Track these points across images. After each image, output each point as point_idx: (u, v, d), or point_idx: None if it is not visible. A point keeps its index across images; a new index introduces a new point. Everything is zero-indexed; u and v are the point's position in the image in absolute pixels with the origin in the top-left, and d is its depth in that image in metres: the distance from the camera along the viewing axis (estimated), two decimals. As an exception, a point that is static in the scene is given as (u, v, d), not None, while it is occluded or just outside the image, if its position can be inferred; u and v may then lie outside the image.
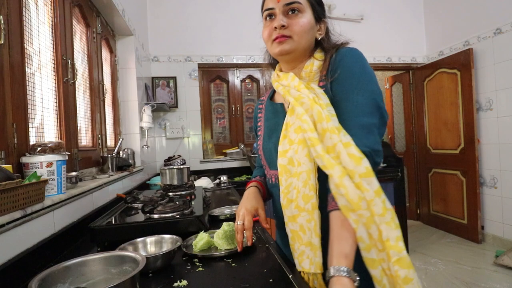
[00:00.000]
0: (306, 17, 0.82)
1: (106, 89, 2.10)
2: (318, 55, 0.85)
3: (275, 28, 0.81)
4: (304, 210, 0.74)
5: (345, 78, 0.76)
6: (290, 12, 0.81)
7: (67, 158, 1.12)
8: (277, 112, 0.91)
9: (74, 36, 1.61)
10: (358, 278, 0.60)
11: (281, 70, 0.92)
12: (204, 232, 1.01)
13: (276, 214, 0.94)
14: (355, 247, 0.64)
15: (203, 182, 2.45)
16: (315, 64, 0.83)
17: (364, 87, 0.74)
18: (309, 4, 0.83)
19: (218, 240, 0.95)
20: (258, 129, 1.00)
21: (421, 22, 3.99)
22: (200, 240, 0.96)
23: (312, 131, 0.71)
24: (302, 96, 0.77)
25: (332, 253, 0.63)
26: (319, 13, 0.86)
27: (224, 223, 0.99)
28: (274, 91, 0.99)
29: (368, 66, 0.78)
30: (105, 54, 2.19)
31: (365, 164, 0.65)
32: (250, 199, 0.93)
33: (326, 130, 0.70)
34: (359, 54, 0.80)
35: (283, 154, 0.80)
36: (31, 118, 1.17)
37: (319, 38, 0.86)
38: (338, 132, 0.69)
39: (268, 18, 0.85)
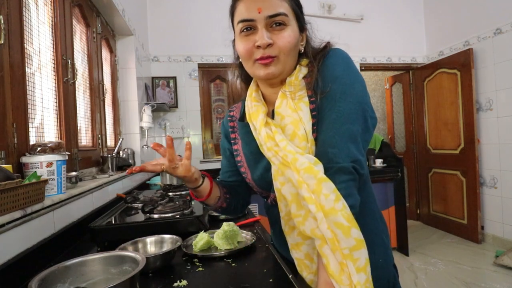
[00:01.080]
0: (292, 30, 0.70)
1: (106, 89, 2.10)
2: (304, 61, 0.75)
3: (258, 46, 0.68)
4: (308, 238, 0.69)
5: (327, 84, 0.68)
6: (274, 25, 0.69)
7: (67, 158, 1.12)
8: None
9: (74, 36, 1.61)
10: None
11: (257, 86, 0.81)
12: (204, 232, 1.01)
13: (268, 213, 0.89)
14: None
15: (203, 182, 2.45)
16: (301, 71, 0.73)
17: (347, 91, 0.67)
18: (293, 14, 0.72)
19: (218, 240, 0.95)
20: (236, 153, 0.87)
21: (421, 22, 3.99)
22: (200, 240, 0.96)
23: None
24: (286, 159, 0.66)
25: (319, 282, 0.63)
26: (302, 22, 0.75)
27: (224, 223, 0.99)
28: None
29: (352, 67, 0.71)
30: (105, 54, 2.19)
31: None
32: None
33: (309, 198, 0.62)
34: (341, 54, 0.72)
35: (279, 188, 0.71)
36: (31, 118, 1.17)
37: (302, 51, 0.76)
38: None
39: (245, 31, 0.71)
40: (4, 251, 0.77)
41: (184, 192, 1.68)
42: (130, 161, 2.15)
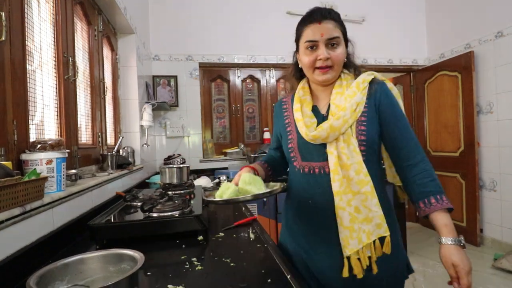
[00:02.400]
0: (342, 48, 0.99)
1: (106, 87, 2.10)
2: (347, 73, 1.05)
3: (319, 59, 0.97)
4: (358, 193, 0.92)
5: (392, 115, 0.99)
6: (330, 45, 0.97)
7: (66, 155, 1.12)
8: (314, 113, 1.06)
9: (75, 34, 1.61)
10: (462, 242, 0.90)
11: (306, 83, 1.10)
12: (226, 181, 1.01)
13: (291, 207, 1.10)
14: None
15: (203, 182, 2.45)
16: (358, 80, 1.00)
17: (407, 125, 1.01)
18: (342, 36, 1.00)
19: (246, 186, 0.94)
20: (287, 125, 1.11)
21: (422, 24, 3.99)
22: (226, 190, 0.93)
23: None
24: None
25: (437, 225, 0.91)
26: (346, 40, 1.03)
27: (241, 175, 1.01)
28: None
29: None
30: (106, 52, 2.19)
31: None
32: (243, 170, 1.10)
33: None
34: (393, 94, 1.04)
35: (332, 150, 0.96)
36: (32, 115, 1.17)
37: (345, 61, 1.03)
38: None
39: (309, 48, 0.99)
40: (3, 248, 0.77)
41: (183, 191, 1.68)
42: (130, 159, 2.15)
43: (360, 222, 0.91)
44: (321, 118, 1.03)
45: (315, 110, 1.05)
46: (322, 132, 0.95)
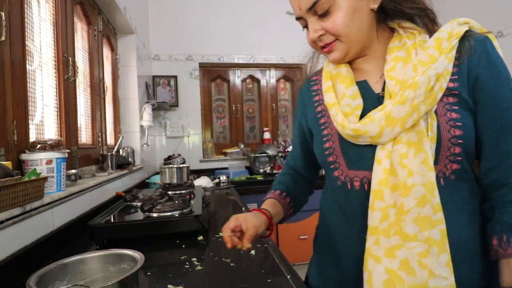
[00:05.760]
0: (341, 7, 0.62)
1: (106, 87, 2.10)
2: (412, 27, 0.66)
3: (313, 40, 0.68)
4: (414, 240, 0.55)
5: (496, 97, 0.58)
6: (318, 16, 0.65)
7: (66, 155, 1.12)
8: (361, 92, 0.67)
9: (75, 34, 1.61)
10: None
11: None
12: None
13: (327, 229, 0.73)
14: None
15: (203, 182, 2.45)
16: (439, 35, 0.61)
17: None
18: None
19: None
20: (320, 115, 0.75)
21: (422, 24, 3.99)
22: None
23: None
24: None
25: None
26: None
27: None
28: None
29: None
30: (106, 52, 2.19)
31: None
32: (252, 214, 0.74)
33: None
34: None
35: (381, 157, 0.60)
36: (31, 115, 1.17)
37: (377, 6, 0.64)
38: None
39: (304, 29, 0.71)
40: (3, 248, 0.77)
41: (183, 191, 1.68)
42: (130, 159, 2.15)
43: (396, 283, 0.55)
44: (374, 100, 0.66)
45: (363, 87, 0.68)
46: (371, 126, 0.59)
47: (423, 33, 0.64)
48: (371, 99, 0.66)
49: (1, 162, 0.82)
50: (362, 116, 0.64)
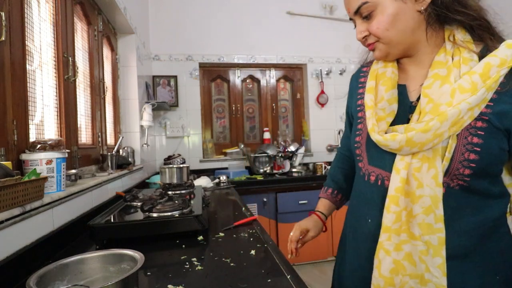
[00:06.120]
0: (384, 11, 0.65)
1: (106, 87, 2.10)
2: (466, 39, 0.64)
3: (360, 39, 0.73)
4: (418, 239, 0.64)
5: None
6: (364, 18, 0.69)
7: (66, 155, 1.12)
8: (398, 96, 0.72)
9: (75, 34, 1.61)
10: None
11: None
12: None
13: (356, 218, 0.80)
14: None
15: (203, 182, 2.45)
16: (490, 61, 0.59)
17: None
18: None
19: None
20: (359, 108, 0.80)
21: (422, 24, 3.98)
22: None
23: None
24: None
25: None
26: None
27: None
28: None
29: None
30: (106, 52, 2.19)
31: None
32: (307, 220, 0.96)
33: None
34: None
35: (400, 168, 0.65)
36: (31, 115, 1.17)
37: (425, 7, 0.64)
38: None
39: (355, 27, 0.75)
40: (3, 248, 0.77)
41: (183, 191, 1.68)
42: (130, 159, 2.15)
43: (406, 275, 0.64)
44: (407, 107, 0.70)
45: (401, 92, 0.72)
46: (391, 143, 0.65)
47: (473, 49, 0.64)
48: (405, 106, 0.71)
49: (1, 162, 0.82)
50: (394, 122, 0.70)
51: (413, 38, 0.68)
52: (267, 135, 3.51)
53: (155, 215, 1.14)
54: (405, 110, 0.70)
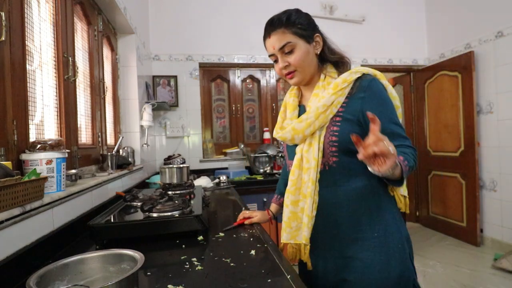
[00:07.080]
0: (300, 49, 0.96)
1: (106, 87, 2.10)
2: (332, 71, 1.01)
3: (279, 68, 1.00)
4: (306, 197, 0.95)
5: (378, 106, 0.89)
6: (285, 53, 0.97)
7: (66, 155, 1.12)
8: (299, 112, 1.07)
9: (75, 34, 1.61)
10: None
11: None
12: None
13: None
14: None
15: (203, 182, 2.45)
16: (337, 80, 0.95)
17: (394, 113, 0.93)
18: (298, 37, 0.96)
19: None
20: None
21: (422, 24, 3.98)
22: None
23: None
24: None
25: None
26: (308, 36, 0.98)
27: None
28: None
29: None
30: (106, 52, 2.19)
31: None
32: (260, 212, 1.30)
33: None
34: (382, 87, 0.95)
35: (297, 151, 1.00)
36: (32, 115, 1.17)
37: (319, 52, 1.00)
38: None
39: (275, 62, 1.02)
40: (3, 248, 0.77)
41: (183, 191, 1.68)
42: (130, 159, 2.15)
43: (296, 219, 0.99)
44: None
45: (302, 110, 1.06)
46: (286, 134, 0.99)
47: (335, 77, 0.99)
48: None
49: (1, 162, 0.82)
50: None
51: (313, 70, 1.01)
52: (267, 135, 3.51)
53: (155, 215, 1.14)
54: None
